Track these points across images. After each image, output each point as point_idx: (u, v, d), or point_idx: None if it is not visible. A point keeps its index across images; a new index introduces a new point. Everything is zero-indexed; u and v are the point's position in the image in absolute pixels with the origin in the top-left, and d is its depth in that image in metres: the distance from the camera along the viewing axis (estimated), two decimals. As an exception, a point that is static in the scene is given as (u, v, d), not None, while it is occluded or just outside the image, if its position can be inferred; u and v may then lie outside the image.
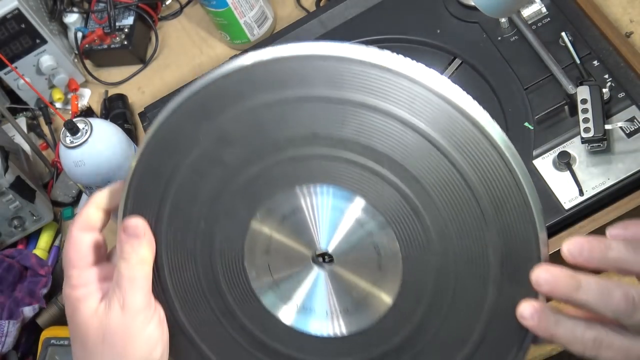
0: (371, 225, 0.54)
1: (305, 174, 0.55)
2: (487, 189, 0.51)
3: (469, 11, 0.82)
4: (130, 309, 0.55)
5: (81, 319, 0.55)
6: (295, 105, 0.53)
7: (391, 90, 0.51)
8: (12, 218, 0.97)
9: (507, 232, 0.51)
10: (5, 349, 0.88)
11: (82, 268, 0.57)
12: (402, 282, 0.53)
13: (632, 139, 0.71)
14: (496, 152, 0.50)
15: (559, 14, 0.79)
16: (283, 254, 0.56)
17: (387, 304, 0.54)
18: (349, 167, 0.54)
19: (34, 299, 0.91)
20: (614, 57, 0.75)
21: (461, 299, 0.52)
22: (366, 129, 0.52)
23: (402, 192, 0.53)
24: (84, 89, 1.14)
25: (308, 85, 0.53)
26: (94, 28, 1.12)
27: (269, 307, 0.57)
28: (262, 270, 0.57)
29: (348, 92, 0.52)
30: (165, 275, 0.58)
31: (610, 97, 0.72)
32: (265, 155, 0.55)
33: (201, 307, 0.58)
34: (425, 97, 0.50)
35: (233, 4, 1.00)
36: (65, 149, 0.81)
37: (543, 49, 0.76)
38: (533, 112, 0.74)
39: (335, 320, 0.56)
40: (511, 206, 0.50)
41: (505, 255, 0.51)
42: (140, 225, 0.56)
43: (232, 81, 0.54)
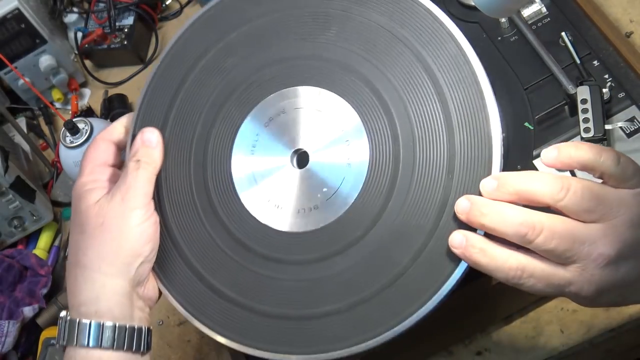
0: (348, 127, 0.61)
1: (293, 78, 0.64)
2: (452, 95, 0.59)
3: (468, 11, 0.82)
4: (129, 203, 0.61)
5: (84, 207, 0.62)
6: (288, 18, 0.65)
7: None
8: (12, 218, 0.97)
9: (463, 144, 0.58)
10: (5, 349, 0.88)
11: (96, 165, 0.64)
12: (365, 183, 0.60)
13: (632, 139, 0.71)
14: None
15: (559, 14, 0.79)
16: (265, 153, 0.64)
17: (350, 202, 0.60)
18: (331, 70, 0.63)
19: (34, 299, 0.91)
20: (614, 57, 0.75)
21: (415, 201, 0.58)
22: (349, 34, 0.63)
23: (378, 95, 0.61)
24: (84, 89, 1.14)
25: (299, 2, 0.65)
26: (94, 28, 1.12)
27: (246, 204, 0.63)
28: (244, 170, 0.64)
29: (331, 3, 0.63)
30: (161, 181, 0.65)
31: (610, 97, 0.72)
32: (261, 65, 0.65)
33: (187, 208, 0.65)
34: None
35: (233, 4, 1.00)
36: (66, 148, 0.82)
37: (543, 49, 0.76)
38: (533, 112, 0.74)
39: (305, 217, 0.61)
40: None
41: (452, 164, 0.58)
42: (156, 136, 0.64)
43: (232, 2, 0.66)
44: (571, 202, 0.52)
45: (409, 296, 0.57)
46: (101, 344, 0.59)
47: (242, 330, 0.61)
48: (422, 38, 0.60)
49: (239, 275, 0.62)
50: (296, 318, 0.60)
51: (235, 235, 0.63)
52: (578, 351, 0.75)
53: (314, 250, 0.61)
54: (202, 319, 0.62)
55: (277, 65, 0.65)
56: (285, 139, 0.64)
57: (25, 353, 0.92)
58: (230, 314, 0.62)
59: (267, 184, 0.63)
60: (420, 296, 0.57)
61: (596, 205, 0.52)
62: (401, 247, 0.58)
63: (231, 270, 0.62)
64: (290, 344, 0.60)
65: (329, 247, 0.60)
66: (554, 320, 0.76)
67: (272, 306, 0.61)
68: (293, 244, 0.61)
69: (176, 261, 0.64)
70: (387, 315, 0.58)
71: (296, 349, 0.59)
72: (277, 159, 0.64)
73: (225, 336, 0.62)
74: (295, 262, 0.61)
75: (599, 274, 0.52)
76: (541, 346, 0.75)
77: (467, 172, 0.57)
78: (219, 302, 0.62)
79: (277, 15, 0.66)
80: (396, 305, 0.58)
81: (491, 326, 0.77)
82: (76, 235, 0.62)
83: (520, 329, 0.76)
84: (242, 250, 0.63)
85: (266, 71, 0.65)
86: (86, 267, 0.60)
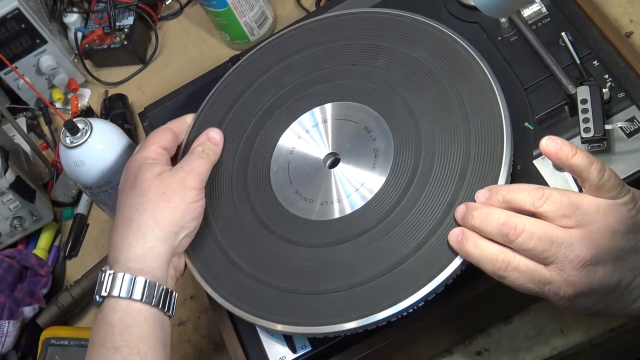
0: (377, 132, 0.72)
1: (338, 94, 0.76)
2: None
3: (469, 11, 0.82)
4: (189, 183, 0.71)
5: (148, 176, 0.70)
6: (342, 48, 0.78)
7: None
8: (12, 218, 0.97)
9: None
10: (5, 349, 0.88)
11: (159, 145, 0.74)
12: (384, 184, 0.70)
13: (632, 139, 0.71)
14: None
15: (559, 14, 0.79)
16: (302, 153, 0.75)
17: (368, 199, 0.70)
18: (373, 90, 0.75)
19: (34, 299, 0.91)
20: (614, 57, 0.75)
21: (425, 202, 0.67)
22: (393, 64, 0.75)
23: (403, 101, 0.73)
24: (84, 89, 1.14)
25: (352, 34, 0.79)
26: (94, 28, 1.12)
27: (277, 193, 0.73)
28: (282, 166, 0.75)
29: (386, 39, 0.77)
30: None
31: (610, 97, 0.72)
32: (314, 83, 0.78)
33: (224, 195, 0.75)
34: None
35: (233, 4, 1.00)
36: (65, 149, 0.81)
37: (543, 49, 0.76)
38: (533, 112, 0.74)
39: (327, 209, 0.71)
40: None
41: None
42: (220, 136, 0.77)
43: (304, 30, 0.81)
44: (549, 209, 0.59)
45: (405, 283, 0.64)
46: (143, 298, 0.66)
47: (251, 301, 0.69)
48: (456, 71, 0.72)
49: (257, 252, 0.71)
50: (302, 293, 0.68)
51: (262, 218, 0.73)
52: (578, 351, 0.75)
53: (327, 237, 0.69)
54: (219, 289, 0.71)
55: (327, 83, 0.78)
56: (322, 144, 0.75)
57: (25, 353, 0.92)
58: (243, 285, 0.70)
59: (299, 179, 0.74)
60: (415, 283, 0.63)
61: (572, 212, 0.58)
62: (405, 240, 0.66)
63: (251, 247, 0.71)
64: (292, 315, 0.67)
65: (341, 235, 0.69)
66: (554, 320, 0.76)
67: (281, 281, 0.69)
68: (311, 230, 0.70)
69: (205, 237, 0.73)
70: (382, 297, 0.64)
71: (299, 319, 0.66)
72: (311, 160, 0.74)
73: (236, 305, 0.69)
74: (309, 245, 0.70)
75: (577, 275, 0.58)
76: (541, 346, 0.75)
77: (476, 181, 0.66)
78: (235, 274, 0.71)
79: (334, 45, 0.79)
80: (392, 289, 0.64)
81: (491, 326, 0.77)
82: (133, 199, 0.70)
83: (520, 329, 0.76)
84: (265, 231, 0.72)
85: (317, 87, 0.78)
86: (140, 227, 0.68)
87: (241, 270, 0.71)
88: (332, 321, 0.65)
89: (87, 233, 1.02)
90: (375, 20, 0.78)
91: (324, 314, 0.66)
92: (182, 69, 1.10)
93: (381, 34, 0.77)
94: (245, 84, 0.81)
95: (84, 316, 0.95)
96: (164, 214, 0.68)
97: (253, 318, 0.68)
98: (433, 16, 0.79)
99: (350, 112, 0.75)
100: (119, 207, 0.71)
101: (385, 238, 0.67)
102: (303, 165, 0.74)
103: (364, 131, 0.73)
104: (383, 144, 0.72)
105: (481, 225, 0.61)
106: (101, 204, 0.89)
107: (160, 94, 0.94)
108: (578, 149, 0.60)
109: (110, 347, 0.64)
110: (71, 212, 1.03)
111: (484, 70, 0.71)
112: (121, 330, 0.65)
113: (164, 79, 1.10)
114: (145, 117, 0.93)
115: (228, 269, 0.71)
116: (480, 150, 0.67)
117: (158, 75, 1.11)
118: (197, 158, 0.73)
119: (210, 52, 1.10)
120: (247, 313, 0.69)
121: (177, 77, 1.08)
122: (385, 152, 0.71)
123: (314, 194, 0.72)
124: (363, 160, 0.72)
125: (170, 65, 1.11)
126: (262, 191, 0.74)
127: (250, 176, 0.75)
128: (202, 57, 1.10)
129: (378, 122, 0.73)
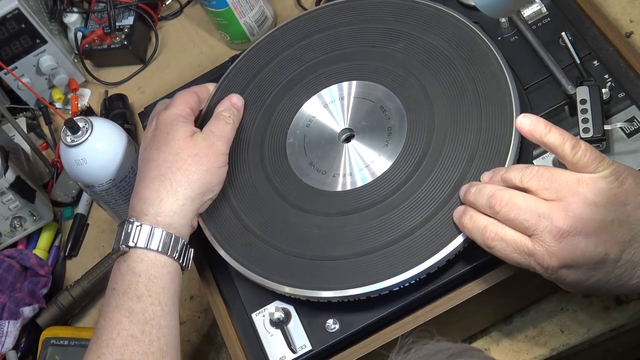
0: (392, 112, 0.75)
1: (357, 73, 0.79)
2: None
3: (468, 11, 0.82)
4: (219, 148, 0.74)
5: (181, 135, 0.73)
6: (364, 30, 0.81)
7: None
8: (12, 218, 0.97)
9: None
10: (5, 349, 0.88)
11: (187, 105, 0.77)
12: (395, 161, 0.73)
13: (632, 139, 0.71)
14: None
15: (559, 14, 0.79)
16: (318, 127, 0.78)
17: (379, 174, 0.73)
18: (390, 72, 0.77)
19: (34, 299, 0.91)
20: (614, 57, 0.75)
21: (434, 181, 0.70)
22: (411, 48, 0.78)
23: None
24: (84, 89, 1.14)
25: (374, 18, 0.81)
26: (94, 28, 1.12)
27: (291, 163, 0.77)
28: (298, 138, 0.78)
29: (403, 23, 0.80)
30: None
31: (610, 97, 0.72)
32: (334, 61, 0.81)
33: (240, 161, 0.78)
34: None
35: (233, 4, 1.00)
36: (66, 147, 0.81)
37: (543, 49, 0.76)
38: (533, 112, 0.74)
39: (338, 180, 0.74)
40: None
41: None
42: (242, 102, 0.81)
43: (327, 10, 0.84)
44: (532, 182, 0.62)
45: (409, 255, 0.67)
46: (169, 252, 0.69)
47: (260, 262, 0.72)
48: (472, 60, 0.75)
49: (269, 217, 0.74)
50: (308, 257, 0.71)
51: (275, 185, 0.76)
52: (578, 351, 0.75)
53: (336, 207, 0.73)
54: (230, 250, 0.74)
55: (346, 62, 0.80)
56: (339, 119, 0.78)
57: (25, 353, 0.92)
58: (253, 248, 0.73)
59: (314, 151, 0.77)
60: (419, 256, 0.67)
61: (551, 184, 0.61)
62: (412, 215, 0.69)
63: (263, 212, 0.75)
64: (298, 278, 0.70)
65: (350, 206, 0.72)
66: (554, 320, 0.76)
67: (290, 246, 0.72)
68: (321, 199, 0.74)
69: (219, 201, 0.76)
70: (386, 267, 0.67)
71: (304, 283, 0.69)
72: (327, 134, 0.77)
73: (245, 266, 0.72)
74: (319, 214, 0.73)
75: (557, 246, 0.60)
76: (541, 346, 0.75)
77: (484, 164, 0.69)
78: (247, 236, 0.74)
79: (356, 27, 0.82)
80: (396, 260, 0.67)
81: (491, 326, 0.77)
82: (166, 155, 0.72)
83: (520, 329, 0.76)
84: (278, 198, 0.75)
85: (336, 66, 0.80)
86: (172, 184, 0.71)
87: (252, 233, 0.74)
88: (336, 286, 0.68)
89: (87, 233, 1.02)
90: (397, 6, 0.81)
91: (329, 279, 0.69)
92: (182, 69, 1.10)
93: (402, 20, 0.80)
94: (267, 58, 0.84)
95: (84, 316, 0.95)
96: (196, 175, 0.72)
97: (260, 279, 0.71)
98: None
99: (368, 91, 0.78)
100: (147, 160, 0.73)
101: (393, 212, 0.70)
102: (318, 138, 0.77)
103: (380, 110, 0.76)
104: (397, 123, 0.75)
105: (474, 200, 0.65)
106: (102, 202, 0.88)
107: (160, 94, 0.94)
108: (552, 127, 0.62)
109: (133, 295, 0.68)
110: (71, 212, 1.03)
111: (498, 59, 0.74)
112: (146, 280, 0.68)
113: (164, 79, 1.10)
114: (145, 117, 0.93)
115: (240, 232, 0.74)
116: (489, 135, 0.70)
117: (158, 75, 1.11)
118: (225, 124, 0.76)
119: (210, 52, 1.10)
120: (255, 274, 0.72)
121: (177, 77, 1.08)
122: (399, 131, 0.74)
123: (327, 166, 0.75)
124: (377, 138, 0.75)
125: (170, 65, 1.11)
126: (277, 160, 0.77)
127: (267, 145, 0.79)
128: (202, 57, 1.10)
129: (394, 102, 0.76)
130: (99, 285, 0.94)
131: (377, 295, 0.67)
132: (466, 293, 0.69)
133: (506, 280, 0.68)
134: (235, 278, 0.76)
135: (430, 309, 0.69)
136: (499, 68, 0.73)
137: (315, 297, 0.69)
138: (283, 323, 0.71)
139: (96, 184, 0.84)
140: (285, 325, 0.71)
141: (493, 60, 0.74)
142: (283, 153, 0.78)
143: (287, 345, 0.70)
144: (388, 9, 0.82)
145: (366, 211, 0.71)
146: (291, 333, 0.71)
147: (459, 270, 0.69)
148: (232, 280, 0.76)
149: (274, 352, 0.70)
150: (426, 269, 0.66)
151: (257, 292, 0.73)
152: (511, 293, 0.72)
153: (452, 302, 0.69)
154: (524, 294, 0.75)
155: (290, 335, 0.70)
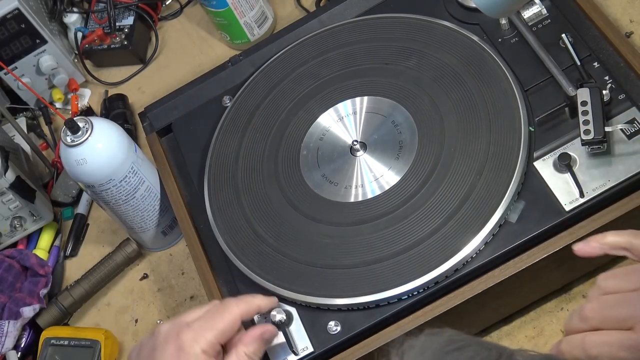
0: (403, 126, 0.77)
1: (370, 89, 0.81)
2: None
3: (469, 12, 0.82)
4: None
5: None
6: (378, 47, 0.83)
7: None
8: (12, 218, 0.97)
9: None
10: (5, 349, 0.88)
11: (222, 338, 0.64)
12: (406, 174, 0.75)
13: (632, 140, 0.71)
14: None
15: (559, 15, 0.79)
16: (331, 140, 0.80)
17: (389, 186, 0.75)
18: (402, 88, 0.80)
19: (34, 299, 0.91)
20: (614, 58, 0.75)
21: (443, 193, 0.72)
22: (423, 66, 0.80)
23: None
24: (84, 89, 1.14)
25: (388, 36, 0.84)
26: (94, 28, 1.12)
27: (305, 175, 0.79)
28: (311, 151, 0.81)
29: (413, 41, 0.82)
30: (240, 151, 0.83)
31: (610, 99, 0.72)
32: (348, 77, 0.83)
33: (254, 172, 0.81)
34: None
35: (233, 4, 1.00)
36: (66, 147, 0.81)
37: (543, 51, 0.76)
38: (533, 114, 0.74)
39: (350, 192, 0.76)
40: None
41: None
42: (272, 332, 0.68)
43: (343, 29, 0.87)
44: (614, 283, 0.56)
45: (417, 264, 0.69)
46: None
47: (272, 270, 0.74)
48: (482, 77, 0.77)
49: (281, 227, 0.76)
50: (319, 266, 0.73)
51: (288, 196, 0.78)
52: (578, 352, 0.75)
53: (348, 217, 0.75)
54: (243, 258, 0.76)
55: (360, 78, 0.83)
56: (351, 132, 0.80)
57: (25, 353, 0.92)
58: (265, 256, 0.75)
59: (326, 164, 0.79)
60: (427, 266, 0.68)
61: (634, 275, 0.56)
62: (421, 226, 0.71)
63: (276, 222, 0.77)
64: (308, 286, 0.71)
65: (361, 216, 0.74)
66: (554, 320, 0.76)
67: (301, 254, 0.74)
68: (333, 210, 0.76)
69: (233, 210, 0.79)
70: (395, 275, 0.69)
71: (314, 290, 0.71)
72: (340, 147, 0.80)
73: (258, 274, 0.74)
74: (330, 224, 0.75)
75: None
76: (541, 346, 0.75)
77: (493, 176, 0.71)
78: (259, 245, 0.76)
79: (370, 45, 0.84)
80: (404, 269, 0.69)
81: (491, 326, 0.77)
82: None
83: (520, 329, 0.77)
84: (291, 208, 0.77)
85: (351, 82, 0.83)
86: None
87: (265, 242, 0.76)
88: (346, 294, 0.70)
89: (87, 233, 1.02)
90: (412, 25, 0.84)
91: (339, 287, 0.71)
92: (182, 69, 1.10)
93: (415, 38, 0.83)
94: (284, 73, 0.87)
95: (84, 316, 0.95)
96: None
97: (273, 287, 0.73)
98: (433, 17, 0.80)
99: (380, 107, 0.80)
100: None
101: (403, 222, 0.72)
102: (331, 151, 0.80)
103: (391, 124, 0.78)
104: (408, 137, 0.77)
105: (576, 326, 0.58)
106: (102, 202, 0.88)
107: (160, 94, 0.94)
108: (605, 233, 0.59)
109: None
110: (71, 212, 1.03)
111: (507, 77, 0.76)
112: None
113: (164, 79, 1.10)
114: (145, 117, 0.93)
115: (253, 240, 0.76)
116: (498, 149, 0.72)
117: (158, 75, 1.11)
118: None
119: (210, 52, 1.10)
120: (267, 282, 0.73)
121: (177, 77, 1.08)
122: (410, 144, 0.76)
123: (339, 178, 0.78)
124: (388, 151, 0.77)
125: (170, 65, 1.11)
126: (290, 172, 0.80)
127: (281, 158, 0.81)
128: (202, 57, 1.10)
129: (405, 117, 0.78)
130: (99, 285, 0.94)
131: (385, 303, 0.69)
132: (466, 293, 0.69)
133: (506, 281, 0.68)
134: (237, 280, 0.76)
135: (430, 309, 0.70)
136: (508, 84, 0.75)
137: (326, 304, 0.70)
138: (285, 325, 0.71)
139: (96, 184, 0.84)
140: (287, 327, 0.71)
141: (502, 76, 0.76)
142: (296, 165, 0.80)
143: (288, 347, 0.70)
144: (402, 27, 0.84)
145: (377, 221, 0.73)
146: (293, 335, 0.71)
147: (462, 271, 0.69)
148: (234, 282, 0.77)
149: (276, 354, 0.70)
150: (434, 277, 0.68)
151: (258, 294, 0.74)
152: (511, 293, 0.72)
153: (452, 302, 0.69)
154: (524, 294, 0.75)
155: (292, 337, 0.70)
